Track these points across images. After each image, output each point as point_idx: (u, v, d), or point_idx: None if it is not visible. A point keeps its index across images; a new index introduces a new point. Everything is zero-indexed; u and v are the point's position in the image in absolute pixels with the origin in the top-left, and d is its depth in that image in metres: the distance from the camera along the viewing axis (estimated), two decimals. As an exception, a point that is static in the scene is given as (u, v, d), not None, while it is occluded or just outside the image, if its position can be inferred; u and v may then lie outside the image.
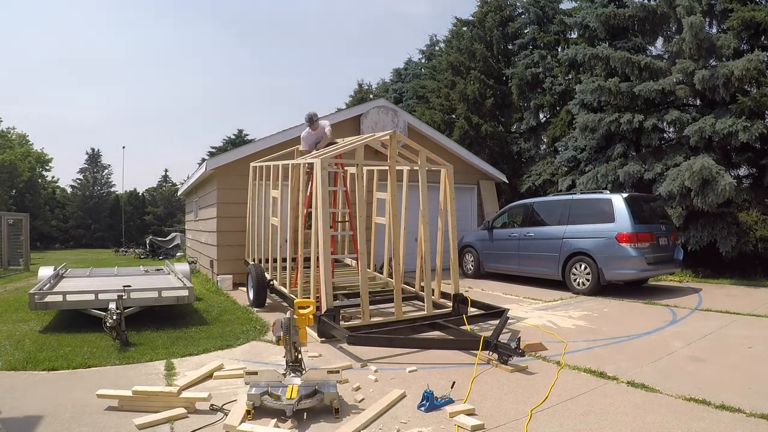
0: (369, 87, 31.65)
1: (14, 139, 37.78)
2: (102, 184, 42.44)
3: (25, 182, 34.25)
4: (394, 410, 3.48)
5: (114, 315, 5.18)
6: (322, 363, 4.53)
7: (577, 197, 9.19)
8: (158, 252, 22.04)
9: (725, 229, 9.81)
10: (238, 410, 3.31)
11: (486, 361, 4.52)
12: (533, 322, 6.33)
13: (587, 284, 8.38)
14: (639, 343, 5.25)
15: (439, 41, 26.26)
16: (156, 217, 40.26)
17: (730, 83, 9.46)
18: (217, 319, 6.57)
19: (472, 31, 18.01)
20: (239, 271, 9.27)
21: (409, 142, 6.59)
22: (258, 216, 8.38)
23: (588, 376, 4.19)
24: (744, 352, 4.85)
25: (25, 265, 15.31)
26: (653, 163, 10.64)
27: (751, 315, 6.54)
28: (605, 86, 10.97)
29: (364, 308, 5.50)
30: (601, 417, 3.33)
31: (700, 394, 3.67)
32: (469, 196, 13.22)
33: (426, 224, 6.24)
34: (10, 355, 4.79)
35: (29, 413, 3.43)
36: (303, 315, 3.85)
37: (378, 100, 12.36)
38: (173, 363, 4.60)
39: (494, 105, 16.57)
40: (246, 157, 9.77)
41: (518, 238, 9.73)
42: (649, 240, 8.19)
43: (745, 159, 10.18)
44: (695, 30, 9.89)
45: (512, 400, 3.65)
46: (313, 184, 6.04)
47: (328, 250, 5.49)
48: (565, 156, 13.18)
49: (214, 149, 35.13)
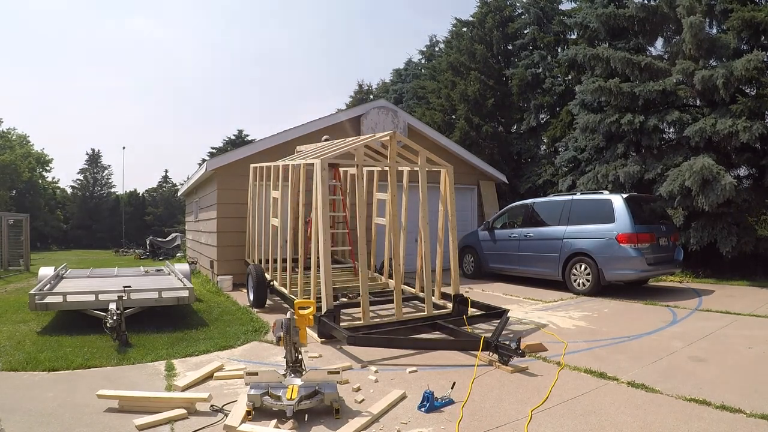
0: (369, 87, 31.71)
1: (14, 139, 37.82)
2: (102, 185, 42.53)
3: (26, 183, 34.28)
4: (394, 411, 3.48)
5: (114, 315, 5.18)
6: (323, 363, 4.53)
7: (577, 198, 9.18)
8: (158, 252, 22.05)
9: (725, 229, 9.81)
10: (239, 411, 3.31)
11: (487, 362, 4.52)
12: (533, 322, 6.33)
13: (587, 285, 8.37)
14: (639, 344, 5.25)
15: (439, 42, 26.32)
16: (156, 218, 40.28)
17: (730, 83, 9.46)
18: (217, 319, 6.57)
19: (472, 32, 18.03)
20: (239, 272, 9.27)
21: (409, 143, 6.59)
22: (258, 217, 8.38)
23: (588, 376, 4.19)
24: (744, 353, 4.85)
25: (25, 265, 15.30)
26: (653, 164, 10.64)
27: (751, 315, 6.54)
28: (606, 87, 10.97)
29: (364, 309, 5.50)
30: (602, 417, 3.33)
31: (701, 394, 3.67)
32: (469, 196, 13.22)
33: (426, 225, 6.24)
34: (10, 356, 4.79)
35: (30, 414, 3.43)
36: (303, 315, 3.85)
37: (378, 101, 12.37)
38: (173, 363, 4.60)
39: (494, 105, 16.57)
40: (246, 158, 9.78)
41: (518, 239, 9.73)
42: (649, 240, 8.19)
43: (745, 159, 10.17)
44: (695, 30, 9.90)
45: (512, 401, 3.65)
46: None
47: (328, 251, 5.48)
48: (566, 156, 13.18)
49: (215, 149, 35.15)
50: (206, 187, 11.54)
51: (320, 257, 5.49)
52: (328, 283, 5.35)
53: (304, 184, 6.64)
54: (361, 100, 28.80)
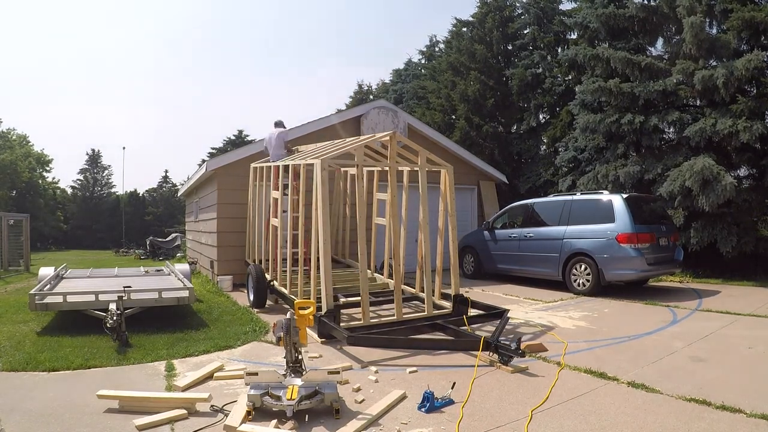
0: (369, 88, 31.73)
1: (14, 139, 37.80)
2: (102, 185, 42.50)
3: (26, 183, 34.27)
4: (394, 411, 3.48)
5: (114, 316, 5.18)
6: (323, 364, 4.53)
7: (577, 198, 9.18)
8: (158, 253, 22.04)
9: (725, 229, 9.81)
10: (239, 411, 3.31)
11: (488, 362, 4.52)
12: (533, 322, 6.32)
13: (587, 285, 8.37)
14: (639, 344, 5.25)
15: (438, 42, 26.32)
16: (156, 218, 40.26)
17: (731, 83, 9.45)
18: (217, 319, 6.57)
19: (472, 32, 18.04)
20: (239, 272, 9.27)
21: (409, 143, 6.60)
22: (258, 217, 8.38)
23: (588, 376, 4.18)
24: (744, 353, 4.85)
25: (25, 265, 15.30)
26: (654, 164, 10.64)
27: (751, 315, 6.54)
28: (606, 87, 10.97)
29: (364, 309, 5.50)
30: (602, 417, 3.33)
31: (701, 394, 3.67)
32: (469, 196, 13.22)
33: (426, 225, 6.24)
34: (10, 356, 4.79)
35: (30, 414, 3.43)
36: (303, 316, 3.85)
37: (378, 101, 12.38)
38: (174, 364, 4.60)
39: (494, 105, 16.58)
40: (246, 158, 9.78)
41: (518, 239, 9.73)
42: (649, 240, 8.19)
43: (745, 159, 10.17)
44: (695, 30, 9.89)
45: (513, 401, 3.65)
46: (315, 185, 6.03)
47: (328, 251, 5.48)
48: (566, 156, 13.18)
49: (215, 150, 35.16)
50: (206, 188, 11.54)
51: (320, 257, 5.48)
52: (328, 283, 5.35)
53: (304, 184, 6.64)
54: (360, 101, 28.81)
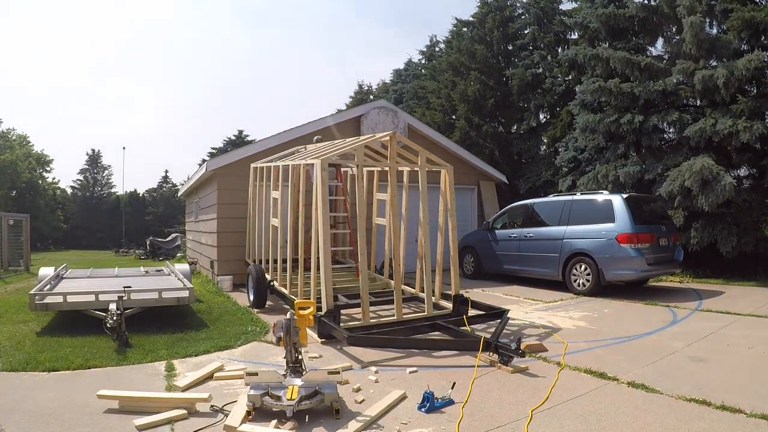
0: (369, 88, 31.75)
1: (15, 140, 37.81)
2: (102, 185, 42.52)
3: (26, 183, 34.27)
4: (394, 411, 3.48)
5: (114, 316, 5.18)
6: (323, 364, 4.52)
7: (577, 198, 9.18)
8: (158, 253, 22.04)
9: (725, 229, 9.81)
10: (239, 411, 3.31)
11: (488, 362, 4.52)
12: (534, 322, 6.32)
13: (587, 285, 8.37)
14: (639, 344, 5.25)
15: (439, 42, 26.32)
16: (156, 218, 40.25)
17: (731, 83, 9.45)
18: (217, 319, 6.57)
19: (472, 32, 18.04)
20: (239, 272, 9.27)
21: (409, 143, 6.60)
22: (258, 217, 8.38)
23: (588, 376, 4.18)
24: (744, 353, 4.85)
25: (25, 266, 15.30)
26: (653, 164, 10.64)
27: (751, 315, 6.54)
28: (606, 87, 10.97)
29: (364, 309, 5.50)
30: (602, 417, 3.33)
31: (701, 394, 3.67)
32: (469, 196, 13.22)
33: (426, 225, 6.24)
34: (10, 356, 4.79)
35: (30, 414, 3.43)
36: (303, 316, 3.85)
37: (378, 101, 12.39)
38: (174, 364, 4.60)
39: (494, 105, 16.58)
40: (246, 158, 9.78)
41: (518, 239, 9.73)
42: (649, 240, 8.19)
43: (745, 159, 10.16)
44: (695, 30, 9.89)
45: (513, 401, 3.65)
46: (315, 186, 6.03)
47: (328, 251, 5.48)
48: (566, 156, 13.18)
49: (215, 150, 35.17)
50: (206, 188, 11.55)
51: (320, 257, 5.48)
52: (328, 284, 5.35)
53: (304, 184, 6.64)
54: (361, 101, 28.81)
